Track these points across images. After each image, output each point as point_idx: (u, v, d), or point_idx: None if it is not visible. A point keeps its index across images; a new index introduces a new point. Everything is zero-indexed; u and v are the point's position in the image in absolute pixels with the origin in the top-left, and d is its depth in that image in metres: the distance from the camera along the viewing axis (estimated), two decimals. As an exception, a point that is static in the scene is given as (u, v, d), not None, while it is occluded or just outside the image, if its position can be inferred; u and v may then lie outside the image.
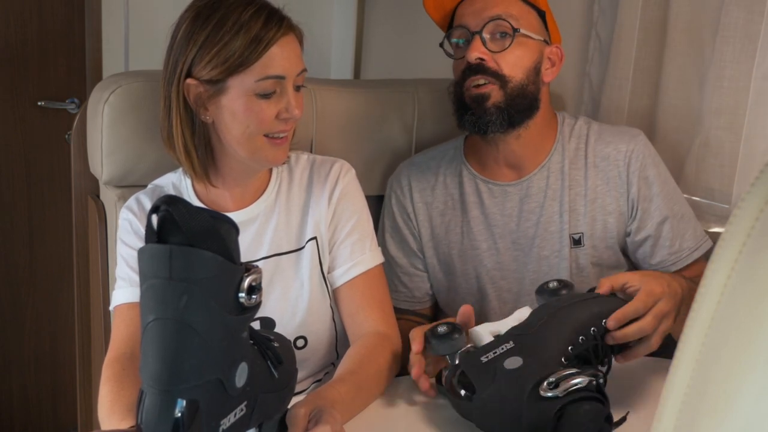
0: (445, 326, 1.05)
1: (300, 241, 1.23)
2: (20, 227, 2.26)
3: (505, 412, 0.94)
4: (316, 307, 1.22)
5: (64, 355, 2.34)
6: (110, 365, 1.09)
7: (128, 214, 1.19)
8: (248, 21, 1.09)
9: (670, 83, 1.52)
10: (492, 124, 1.29)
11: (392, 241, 1.43)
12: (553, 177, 1.36)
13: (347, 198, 1.25)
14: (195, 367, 0.72)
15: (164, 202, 0.71)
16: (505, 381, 0.95)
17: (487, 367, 0.98)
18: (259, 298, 0.77)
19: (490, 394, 0.96)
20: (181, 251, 0.71)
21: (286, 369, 0.88)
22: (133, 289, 1.14)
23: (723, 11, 1.40)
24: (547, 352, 0.99)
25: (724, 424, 0.38)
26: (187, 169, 1.16)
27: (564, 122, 1.39)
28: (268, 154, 1.14)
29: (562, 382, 0.91)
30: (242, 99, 1.10)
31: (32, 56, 2.18)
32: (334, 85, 1.52)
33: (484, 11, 1.29)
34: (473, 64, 1.27)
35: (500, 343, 1.01)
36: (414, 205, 1.42)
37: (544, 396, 0.91)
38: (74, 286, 1.50)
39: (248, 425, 0.82)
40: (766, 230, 0.37)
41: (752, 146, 1.39)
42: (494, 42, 1.29)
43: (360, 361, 1.12)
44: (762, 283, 0.37)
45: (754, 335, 0.37)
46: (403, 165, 1.47)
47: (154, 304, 0.72)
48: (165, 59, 1.14)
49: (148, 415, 0.73)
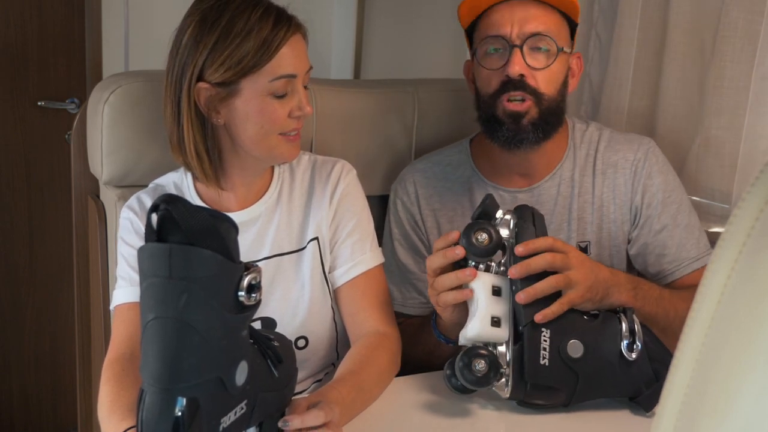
0: (483, 362, 1.02)
1: (301, 242, 1.23)
2: (20, 227, 2.26)
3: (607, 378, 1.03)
4: (317, 307, 1.22)
5: (64, 355, 2.34)
6: (110, 366, 1.09)
7: (129, 213, 1.19)
8: (257, 22, 1.09)
9: (670, 83, 1.52)
10: (526, 140, 1.26)
11: (402, 248, 1.41)
12: (564, 185, 1.34)
13: (348, 198, 1.25)
14: (195, 365, 0.72)
15: (164, 201, 0.71)
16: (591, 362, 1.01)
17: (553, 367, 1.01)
18: (258, 296, 0.77)
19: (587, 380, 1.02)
20: (181, 250, 0.71)
21: (286, 368, 0.88)
22: (134, 289, 1.14)
23: (723, 11, 1.40)
24: (565, 317, 1.03)
25: (724, 424, 0.38)
26: (198, 173, 1.16)
27: (575, 128, 1.38)
28: (283, 151, 1.16)
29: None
30: (256, 100, 1.11)
31: (32, 56, 2.18)
32: (334, 85, 1.52)
33: (526, 24, 1.24)
34: (514, 79, 1.24)
35: (536, 337, 1.02)
36: (422, 212, 1.39)
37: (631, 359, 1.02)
38: (74, 286, 1.50)
39: (248, 424, 0.82)
40: (766, 230, 0.37)
41: (752, 146, 1.39)
42: (534, 57, 1.24)
43: (361, 361, 1.12)
44: (762, 283, 0.37)
45: (754, 335, 0.37)
46: (407, 171, 1.44)
47: (154, 303, 0.72)
48: (169, 64, 1.13)
49: (149, 414, 0.73)
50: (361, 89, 1.56)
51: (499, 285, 1.05)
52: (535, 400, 1.05)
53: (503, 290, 1.05)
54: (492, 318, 1.04)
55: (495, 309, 1.04)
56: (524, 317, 1.02)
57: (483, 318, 1.03)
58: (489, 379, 1.01)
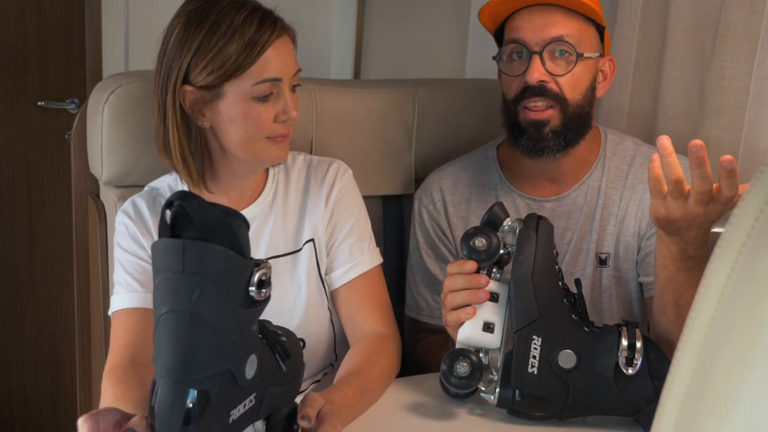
0: (465, 364, 1.01)
1: (297, 243, 1.22)
2: (20, 227, 2.26)
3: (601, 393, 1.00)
4: (313, 309, 1.22)
5: (64, 355, 2.34)
6: (111, 372, 1.07)
7: (124, 218, 1.18)
8: (242, 25, 1.07)
9: (670, 83, 1.52)
10: (549, 149, 1.25)
11: (429, 258, 1.39)
12: (591, 195, 1.33)
13: (345, 199, 1.24)
14: (207, 358, 0.74)
15: (178, 198, 0.73)
16: (580, 375, 0.99)
17: (542, 375, 1.00)
18: (268, 292, 0.79)
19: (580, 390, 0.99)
20: (194, 245, 0.73)
21: (294, 363, 0.90)
22: (131, 295, 1.13)
23: (723, 11, 1.40)
24: (563, 327, 1.02)
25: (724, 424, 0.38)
26: (184, 176, 1.15)
27: (607, 139, 1.36)
28: (270, 154, 1.15)
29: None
30: (239, 104, 1.09)
31: (32, 56, 2.18)
32: (334, 85, 1.52)
33: (545, 30, 1.22)
34: (534, 85, 1.23)
35: (526, 344, 1.00)
36: (449, 220, 1.38)
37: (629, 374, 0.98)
38: (74, 286, 1.50)
39: (256, 416, 0.84)
40: (766, 230, 0.37)
41: (752, 146, 1.39)
42: (555, 62, 1.23)
43: (365, 363, 1.12)
44: (762, 283, 0.37)
45: (754, 335, 0.37)
46: (432, 178, 1.42)
47: (168, 297, 0.74)
48: (157, 66, 1.13)
49: (161, 405, 0.75)
50: (361, 89, 1.56)
51: (497, 291, 1.05)
52: (524, 409, 1.02)
53: (501, 297, 1.04)
54: (485, 323, 1.03)
55: (489, 314, 1.03)
56: (516, 323, 1.01)
57: (474, 321, 1.03)
58: (470, 382, 1.00)
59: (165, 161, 1.16)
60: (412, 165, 1.56)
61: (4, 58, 2.15)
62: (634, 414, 1.01)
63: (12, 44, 2.15)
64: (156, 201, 1.20)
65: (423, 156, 1.56)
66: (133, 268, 1.15)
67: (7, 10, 2.12)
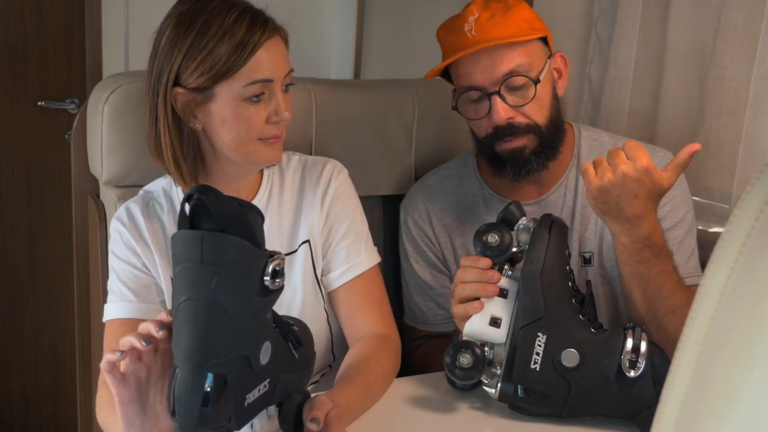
0: (468, 355, 1.02)
1: (292, 245, 1.22)
2: (20, 227, 2.26)
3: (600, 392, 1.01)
4: (310, 310, 1.21)
5: (64, 355, 2.34)
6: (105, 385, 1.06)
7: (118, 224, 1.17)
8: (232, 26, 1.07)
9: (670, 83, 1.52)
10: (533, 169, 1.26)
11: (419, 265, 1.40)
12: (569, 195, 1.33)
13: (341, 200, 1.23)
14: (224, 343, 0.78)
15: (197, 191, 0.78)
16: (582, 375, 1.00)
17: (544, 373, 1.00)
18: (281, 282, 0.83)
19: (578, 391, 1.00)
20: (212, 236, 0.77)
21: (306, 351, 0.94)
22: (124, 305, 1.13)
23: (723, 11, 1.40)
24: (568, 326, 1.02)
25: (724, 424, 0.38)
26: (177, 178, 1.15)
27: (581, 135, 1.36)
28: (263, 155, 1.14)
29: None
30: (231, 105, 1.09)
31: (32, 56, 2.18)
32: (334, 85, 1.52)
33: (495, 69, 1.21)
34: (502, 125, 1.23)
35: (530, 341, 1.00)
36: (434, 228, 1.38)
37: (631, 377, 0.98)
38: (74, 286, 1.50)
39: (270, 401, 0.88)
40: (766, 230, 0.37)
41: (752, 146, 1.39)
42: (515, 95, 1.23)
43: (367, 363, 1.11)
44: (762, 283, 0.37)
45: (754, 335, 0.37)
46: (415, 188, 1.43)
47: (187, 285, 0.78)
48: (148, 68, 1.12)
49: (180, 388, 0.79)
50: (361, 89, 1.55)
51: (508, 288, 1.05)
52: (525, 405, 1.03)
53: (510, 293, 1.05)
54: (492, 317, 1.04)
55: (497, 310, 1.04)
56: (522, 319, 1.01)
57: (481, 315, 1.04)
58: (473, 373, 1.01)
59: (158, 164, 1.15)
60: (412, 165, 1.56)
61: (4, 58, 2.15)
62: (635, 417, 1.01)
63: (12, 44, 2.15)
64: (149, 206, 1.19)
65: (423, 156, 1.56)
66: (127, 276, 1.15)
67: (7, 10, 2.12)
